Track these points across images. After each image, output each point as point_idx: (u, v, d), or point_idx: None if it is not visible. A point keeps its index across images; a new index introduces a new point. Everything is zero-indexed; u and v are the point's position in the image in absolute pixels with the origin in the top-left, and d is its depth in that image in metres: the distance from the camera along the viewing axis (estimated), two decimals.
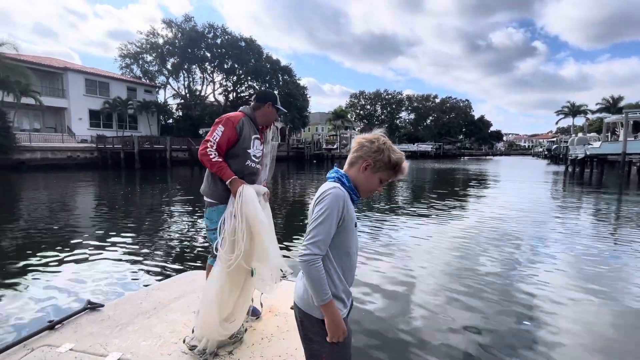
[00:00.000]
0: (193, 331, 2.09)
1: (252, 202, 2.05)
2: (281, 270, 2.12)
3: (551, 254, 5.33)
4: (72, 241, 5.86)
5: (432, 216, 8.34)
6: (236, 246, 1.99)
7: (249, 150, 2.22)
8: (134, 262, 4.76)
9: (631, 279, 4.38)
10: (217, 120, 2.20)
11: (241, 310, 2.13)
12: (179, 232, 6.73)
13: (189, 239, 6.21)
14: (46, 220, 7.76)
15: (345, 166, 1.35)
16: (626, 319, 3.32)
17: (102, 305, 2.55)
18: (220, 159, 2.10)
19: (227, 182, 2.10)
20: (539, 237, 6.45)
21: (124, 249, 5.42)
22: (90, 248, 5.40)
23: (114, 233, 6.41)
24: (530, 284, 4.13)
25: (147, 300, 2.68)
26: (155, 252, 5.32)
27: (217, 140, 2.11)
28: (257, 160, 2.28)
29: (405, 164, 1.33)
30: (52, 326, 2.22)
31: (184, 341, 2.07)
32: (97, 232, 6.63)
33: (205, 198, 2.25)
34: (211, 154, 2.09)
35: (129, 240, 6.02)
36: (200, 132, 29.81)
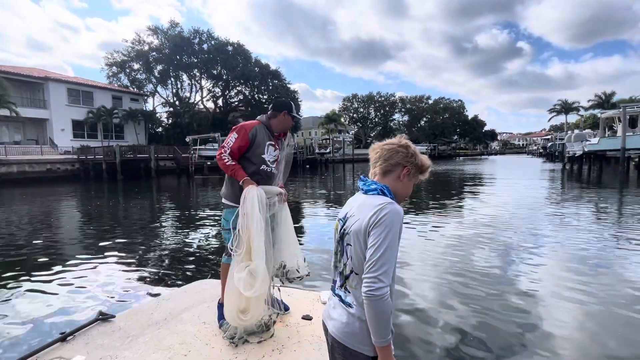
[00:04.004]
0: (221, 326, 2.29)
1: (250, 201, 2.18)
2: (297, 270, 2.38)
3: (549, 253, 5.21)
4: (75, 253, 5.80)
5: (429, 217, 7.79)
6: (241, 242, 2.15)
7: (263, 156, 2.36)
8: (142, 271, 4.77)
9: (632, 277, 4.26)
10: (233, 127, 2.36)
11: (255, 306, 2.17)
12: (182, 241, 6.58)
13: (194, 247, 6.10)
14: (42, 234, 7.35)
15: (377, 176, 1.22)
16: (621, 317, 3.29)
17: (114, 316, 2.52)
18: (233, 162, 2.26)
19: (240, 182, 2.26)
20: (537, 236, 6.25)
21: (131, 259, 5.40)
22: (95, 258, 5.40)
23: (114, 243, 6.39)
24: (527, 282, 4.10)
25: (157, 311, 2.64)
26: (162, 261, 5.34)
27: (230, 145, 2.28)
28: (271, 164, 2.40)
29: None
30: (64, 338, 2.20)
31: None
32: (98, 243, 6.51)
33: (223, 200, 2.40)
34: (225, 158, 2.27)
35: (134, 249, 5.99)
36: (187, 139, 28.85)
